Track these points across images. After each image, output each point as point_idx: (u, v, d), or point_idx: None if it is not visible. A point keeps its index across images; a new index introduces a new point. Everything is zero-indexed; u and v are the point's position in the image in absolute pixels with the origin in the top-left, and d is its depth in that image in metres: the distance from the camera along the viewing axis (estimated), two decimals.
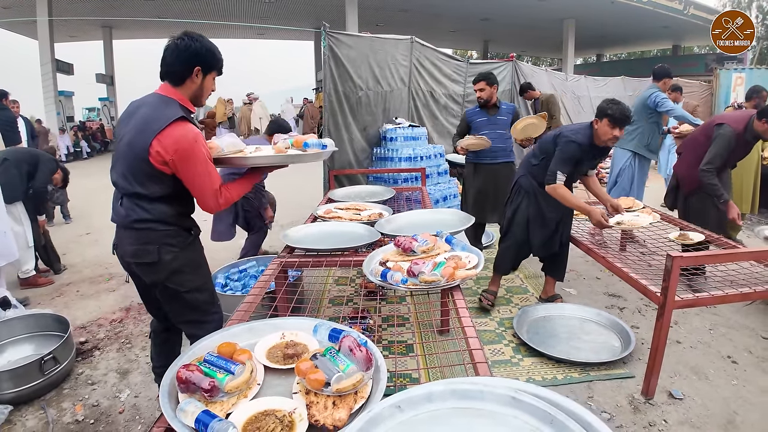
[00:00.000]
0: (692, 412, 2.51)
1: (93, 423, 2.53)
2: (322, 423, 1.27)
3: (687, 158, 3.98)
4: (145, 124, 1.94)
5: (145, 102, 2.04)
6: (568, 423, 1.12)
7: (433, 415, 1.23)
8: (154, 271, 2.12)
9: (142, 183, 1.99)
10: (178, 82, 2.04)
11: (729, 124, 3.67)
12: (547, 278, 3.74)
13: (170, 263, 2.12)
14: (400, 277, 2.15)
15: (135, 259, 2.10)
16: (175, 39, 2.00)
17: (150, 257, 2.08)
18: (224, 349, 1.54)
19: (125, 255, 2.13)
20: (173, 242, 2.14)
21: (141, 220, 2.05)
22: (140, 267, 2.12)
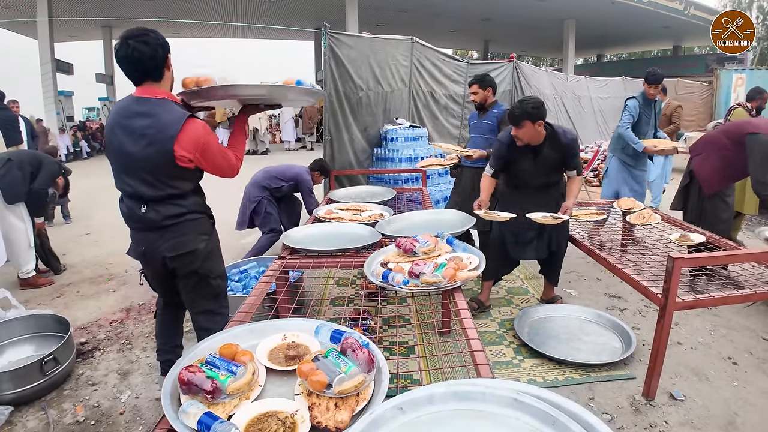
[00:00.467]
0: (693, 413, 2.51)
1: (94, 424, 2.52)
2: (324, 425, 1.27)
3: (711, 162, 3.87)
4: (158, 133, 2.02)
5: (138, 111, 2.07)
6: (569, 424, 1.12)
7: (435, 417, 1.23)
8: (191, 261, 2.27)
9: (172, 185, 2.13)
10: (159, 77, 2.11)
11: (763, 132, 3.58)
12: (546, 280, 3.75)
13: (204, 250, 2.30)
14: (401, 279, 2.15)
15: (174, 252, 2.22)
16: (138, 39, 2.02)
17: (189, 247, 2.24)
18: (226, 351, 1.54)
19: (162, 252, 2.22)
20: (204, 230, 2.32)
21: (175, 215, 2.18)
22: (178, 259, 2.25)
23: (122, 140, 2.08)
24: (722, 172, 3.78)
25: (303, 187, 4.75)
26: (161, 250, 2.21)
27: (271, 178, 4.80)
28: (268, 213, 4.72)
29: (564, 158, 3.25)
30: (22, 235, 4.24)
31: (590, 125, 10.80)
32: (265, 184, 4.78)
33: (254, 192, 4.77)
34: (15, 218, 4.18)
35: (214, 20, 18.33)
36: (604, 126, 11.24)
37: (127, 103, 2.11)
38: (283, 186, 4.77)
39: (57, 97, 14.39)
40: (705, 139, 4.06)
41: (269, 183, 4.78)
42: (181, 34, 22.77)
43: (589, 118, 10.83)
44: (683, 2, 18.01)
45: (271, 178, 4.80)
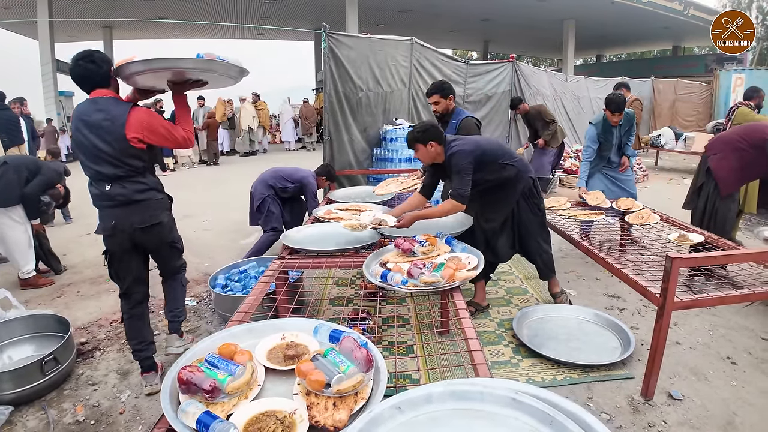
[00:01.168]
0: (692, 413, 2.51)
1: (94, 424, 2.53)
2: (322, 424, 1.27)
3: (729, 161, 3.88)
4: (111, 124, 2.49)
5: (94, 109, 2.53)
6: (567, 424, 1.13)
7: (433, 417, 1.24)
8: (159, 232, 2.76)
9: (128, 163, 2.56)
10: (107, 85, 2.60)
11: None
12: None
13: (168, 223, 2.83)
14: (400, 278, 2.17)
15: (144, 224, 2.66)
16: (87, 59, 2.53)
17: (156, 219, 2.71)
18: (225, 350, 1.54)
19: (133, 224, 2.64)
20: (166, 207, 2.84)
21: (141, 190, 2.64)
22: (148, 230, 2.70)
23: (85, 133, 2.52)
24: (740, 173, 3.82)
25: (307, 190, 4.76)
26: (132, 222, 2.63)
27: (279, 178, 4.82)
28: (271, 212, 4.73)
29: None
30: (20, 236, 4.24)
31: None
32: (271, 182, 4.80)
33: (260, 189, 4.78)
34: (11, 220, 4.18)
35: (213, 21, 18.33)
36: None
37: (85, 104, 2.57)
38: (289, 187, 4.79)
39: (57, 98, 14.38)
40: (721, 140, 4.04)
41: (275, 182, 4.80)
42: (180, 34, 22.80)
43: (589, 118, 10.74)
44: (683, 2, 18.01)
45: (278, 177, 4.82)
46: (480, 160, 3.04)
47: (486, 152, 3.10)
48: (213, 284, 3.71)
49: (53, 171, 4.46)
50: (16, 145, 6.49)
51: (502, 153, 3.21)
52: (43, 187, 4.32)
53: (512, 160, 3.21)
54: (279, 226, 4.74)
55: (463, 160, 2.97)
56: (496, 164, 3.14)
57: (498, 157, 3.15)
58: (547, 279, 3.67)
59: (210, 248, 5.41)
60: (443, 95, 3.95)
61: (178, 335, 3.16)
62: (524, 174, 3.27)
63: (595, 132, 4.68)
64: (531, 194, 3.33)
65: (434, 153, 3.07)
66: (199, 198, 8.29)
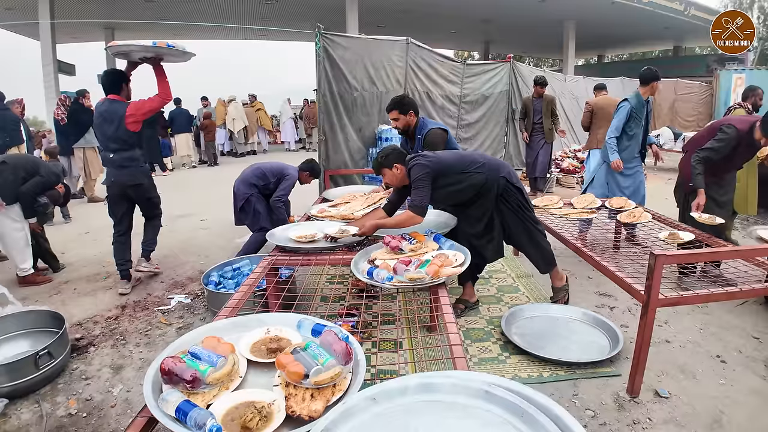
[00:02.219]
0: (678, 410, 2.52)
1: (85, 416, 2.56)
2: (298, 413, 1.30)
3: (689, 158, 4.01)
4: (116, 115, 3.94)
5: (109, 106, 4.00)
6: (537, 416, 1.15)
7: (408, 408, 1.26)
8: (143, 191, 4.22)
9: (125, 140, 4.01)
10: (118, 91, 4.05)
11: (735, 125, 3.76)
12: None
13: (147, 185, 4.25)
14: (385, 275, 2.19)
15: (131, 182, 4.11)
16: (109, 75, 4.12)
17: (139, 180, 4.16)
18: (208, 343, 1.58)
19: (125, 181, 4.09)
20: (148, 174, 4.36)
21: (130, 158, 4.08)
22: (134, 188, 4.16)
23: (101, 120, 3.99)
24: None
25: (283, 180, 4.63)
26: (124, 179, 4.07)
27: (260, 175, 4.72)
28: (257, 211, 4.65)
29: None
30: (17, 234, 4.28)
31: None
32: (253, 180, 4.69)
33: (242, 189, 4.68)
34: (9, 219, 4.22)
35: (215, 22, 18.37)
36: None
37: (104, 102, 4.03)
38: (271, 183, 4.68)
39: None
40: (693, 138, 4.18)
41: (257, 180, 4.69)
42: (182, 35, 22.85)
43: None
44: (683, 3, 17.99)
45: (259, 175, 4.72)
46: (440, 172, 3.08)
47: (445, 164, 3.12)
48: (206, 281, 3.75)
49: (51, 173, 4.49)
50: (16, 145, 6.54)
51: (462, 163, 3.19)
52: (39, 187, 4.34)
53: (476, 167, 3.19)
54: (267, 225, 4.56)
55: (419, 172, 3.01)
56: (458, 175, 3.15)
57: (458, 169, 3.16)
58: (548, 272, 3.65)
59: (206, 247, 5.45)
60: (402, 111, 3.84)
61: (146, 259, 4.54)
62: (494, 178, 3.23)
63: (629, 107, 4.67)
64: (508, 193, 3.29)
65: (401, 175, 3.12)
66: (198, 198, 8.34)
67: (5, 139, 6.38)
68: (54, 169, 4.64)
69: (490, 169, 3.23)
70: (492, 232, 3.34)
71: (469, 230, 3.31)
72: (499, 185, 3.25)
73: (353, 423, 1.21)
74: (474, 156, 3.34)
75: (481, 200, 3.26)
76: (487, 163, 3.26)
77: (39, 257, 4.73)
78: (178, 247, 5.51)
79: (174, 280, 4.47)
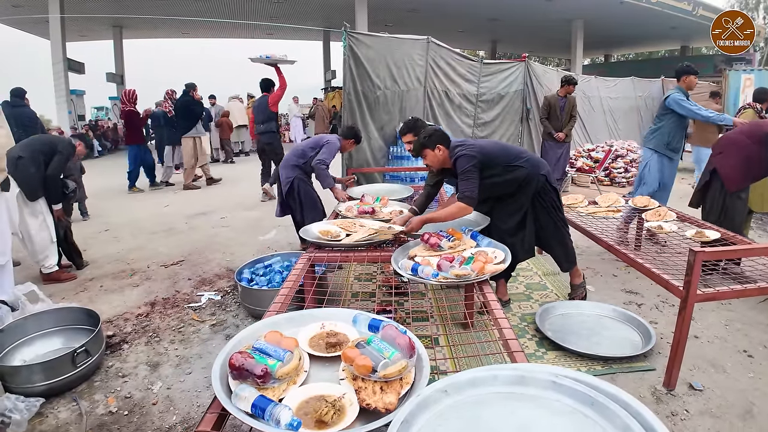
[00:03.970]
0: (712, 402, 2.56)
1: (127, 414, 2.57)
2: (374, 406, 1.32)
3: (731, 160, 3.98)
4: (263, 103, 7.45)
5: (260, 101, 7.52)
6: (608, 404, 1.18)
7: (478, 399, 1.29)
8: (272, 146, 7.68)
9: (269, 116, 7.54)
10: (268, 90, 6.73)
11: None
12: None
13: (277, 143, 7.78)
14: (431, 271, 2.21)
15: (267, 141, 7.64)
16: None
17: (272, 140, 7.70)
18: (271, 338, 1.60)
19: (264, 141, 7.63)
20: (278, 138, 7.98)
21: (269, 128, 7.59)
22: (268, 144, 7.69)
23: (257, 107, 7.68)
24: (744, 170, 3.89)
25: (325, 147, 4.31)
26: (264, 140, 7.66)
27: (300, 153, 4.42)
28: (306, 196, 4.36)
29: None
30: (43, 233, 4.30)
31: (600, 125, 10.80)
32: (293, 162, 4.40)
33: (285, 174, 4.42)
34: (33, 217, 4.22)
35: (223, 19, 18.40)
36: (614, 126, 11.23)
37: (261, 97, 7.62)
38: (312, 158, 4.34)
39: (69, 96, 14.48)
40: (726, 139, 4.16)
41: (297, 160, 4.39)
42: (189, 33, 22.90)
43: (599, 117, 10.82)
44: (691, 2, 17.95)
45: (299, 153, 4.42)
46: (485, 164, 3.09)
47: (490, 156, 3.13)
48: (239, 278, 3.78)
49: (67, 144, 4.49)
50: None
51: (507, 156, 3.22)
52: (63, 163, 4.35)
53: (520, 161, 3.22)
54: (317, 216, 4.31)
55: (467, 163, 3.02)
56: (501, 167, 3.17)
57: (503, 161, 3.18)
58: (569, 270, 3.69)
59: (229, 245, 5.47)
60: (416, 134, 3.78)
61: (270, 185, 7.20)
62: (535, 174, 3.26)
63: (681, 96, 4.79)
64: (545, 192, 3.33)
65: (442, 157, 3.13)
66: (215, 196, 8.41)
67: (21, 135, 6.44)
68: (68, 140, 4.64)
69: (532, 165, 3.26)
70: (524, 229, 3.36)
71: (502, 226, 3.33)
72: (539, 182, 3.28)
73: (428, 415, 1.24)
74: (518, 150, 3.37)
75: (519, 195, 3.28)
76: (531, 159, 3.29)
77: (64, 252, 4.75)
78: (201, 244, 5.52)
79: (201, 277, 4.48)
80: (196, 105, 9.02)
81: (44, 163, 4.21)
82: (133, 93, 8.99)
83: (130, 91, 8.99)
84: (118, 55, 19.22)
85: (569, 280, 3.81)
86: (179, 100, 8.94)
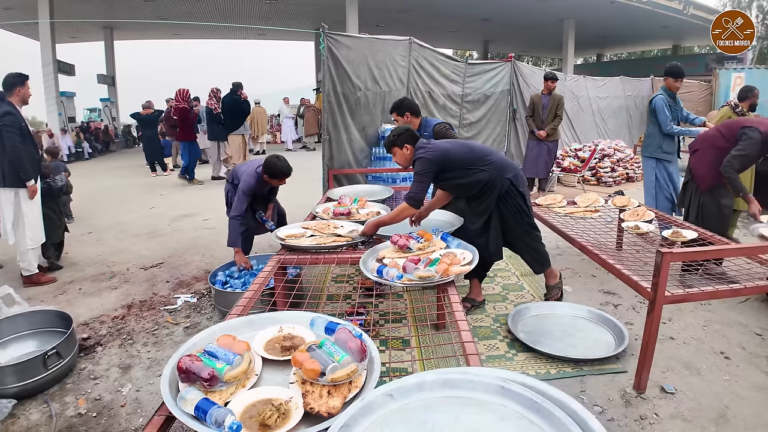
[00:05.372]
0: (684, 406, 2.54)
1: (95, 416, 2.57)
2: (317, 410, 1.32)
3: (705, 157, 4.00)
4: None
5: None
6: (554, 411, 1.17)
7: (425, 404, 1.28)
8: None
9: None
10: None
11: (758, 127, 3.69)
12: None
13: None
14: (395, 273, 2.21)
15: None
16: None
17: None
18: (223, 341, 1.59)
19: None
20: None
21: None
22: None
23: None
24: (716, 168, 3.85)
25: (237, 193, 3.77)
26: None
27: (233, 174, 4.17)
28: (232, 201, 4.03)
29: None
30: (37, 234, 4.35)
31: (588, 124, 10.80)
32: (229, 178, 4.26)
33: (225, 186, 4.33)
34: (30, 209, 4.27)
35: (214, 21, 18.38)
36: (603, 125, 11.25)
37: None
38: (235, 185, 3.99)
39: (59, 98, 14.42)
40: (702, 137, 4.17)
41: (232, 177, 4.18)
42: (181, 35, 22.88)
43: (588, 117, 10.83)
44: (682, 2, 18.03)
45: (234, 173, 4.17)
46: (444, 166, 3.13)
47: (450, 159, 3.14)
48: (213, 281, 3.76)
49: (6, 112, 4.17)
50: None
51: (472, 158, 3.20)
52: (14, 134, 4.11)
53: (484, 165, 3.20)
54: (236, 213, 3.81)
55: (421, 166, 3.10)
56: (463, 170, 3.18)
57: (465, 164, 3.18)
58: (542, 273, 3.67)
59: (210, 247, 5.45)
60: (399, 113, 4.10)
61: None
62: (498, 177, 3.23)
63: (664, 100, 4.84)
64: (509, 196, 3.28)
65: (409, 156, 3.21)
66: (200, 198, 8.38)
67: None
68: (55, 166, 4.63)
69: (497, 169, 3.22)
70: (488, 230, 3.33)
71: (470, 226, 3.35)
72: (503, 186, 3.25)
73: (372, 419, 1.23)
74: (486, 152, 3.31)
75: (483, 197, 3.27)
76: (496, 162, 3.25)
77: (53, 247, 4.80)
78: (182, 246, 5.52)
79: (179, 279, 4.47)
80: (244, 103, 9.50)
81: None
82: (186, 92, 9.71)
83: (184, 91, 9.68)
84: (109, 57, 19.17)
85: (546, 282, 3.79)
86: (226, 98, 9.29)
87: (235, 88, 9.22)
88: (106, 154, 16.51)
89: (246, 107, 9.68)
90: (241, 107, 9.42)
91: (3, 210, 4.24)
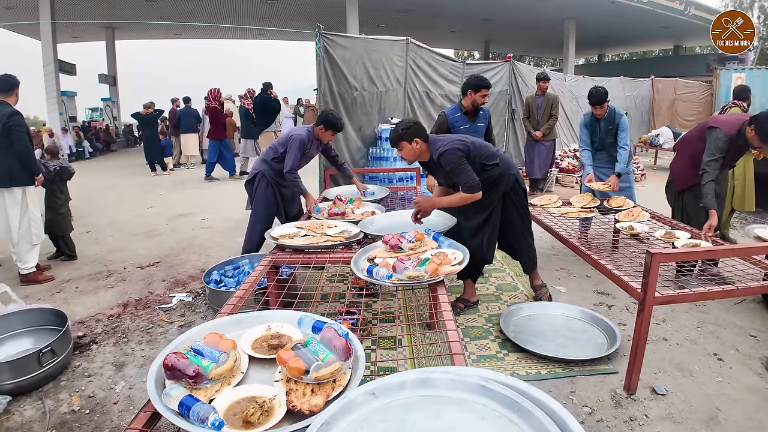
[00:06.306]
0: (674, 407, 2.54)
1: (88, 413, 2.59)
2: (299, 408, 1.33)
3: (681, 158, 4.06)
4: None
5: None
6: (533, 410, 1.18)
7: (406, 403, 1.29)
8: None
9: None
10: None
11: (721, 128, 3.67)
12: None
13: None
14: (385, 273, 2.22)
15: None
16: None
17: None
18: (210, 339, 1.60)
19: None
20: None
21: None
22: None
23: None
24: (691, 169, 3.85)
25: (288, 150, 3.95)
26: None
27: (272, 148, 4.13)
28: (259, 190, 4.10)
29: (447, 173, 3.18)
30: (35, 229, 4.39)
31: None
32: (264, 156, 4.16)
33: (255, 166, 4.20)
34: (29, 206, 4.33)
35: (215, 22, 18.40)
36: None
37: None
38: (281, 154, 4.03)
39: (60, 98, 14.45)
40: (683, 138, 4.20)
41: (267, 154, 4.13)
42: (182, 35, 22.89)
43: None
44: (683, 2, 18.00)
45: (271, 148, 4.14)
46: (469, 157, 3.10)
47: (473, 150, 3.14)
48: (207, 280, 3.77)
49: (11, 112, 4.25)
50: None
51: (488, 154, 3.23)
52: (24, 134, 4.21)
53: (496, 161, 3.24)
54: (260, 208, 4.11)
55: (455, 157, 3.02)
56: (480, 164, 3.17)
57: (483, 157, 3.19)
58: (532, 272, 3.71)
59: (207, 246, 5.48)
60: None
61: None
62: (507, 173, 3.28)
63: (584, 120, 4.85)
64: (515, 191, 3.36)
65: (419, 150, 3.14)
66: (199, 197, 8.39)
67: None
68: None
69: (505, 165, 3.29)
70: (485, 228, 3.34)
71: (466, 224, 3.34)
72: (509, 182, 3.30)
73: (353, 417, 1.24)
74: (494, 149, 3.37)
75: (491, 192, 3.28)
76: (503, 158, 3.33)
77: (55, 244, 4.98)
78: (179, 245, 5.54)
79: (175, 278, 4.49)
80: (274, 102, 10.08)
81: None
82: (217, 92, 10.03)
83: (215, 90, 9.97)
84: (111, 57, 19.20)
85: (531, 283, 3.82)
86: (258, 97, 9.81)
87: (266, 88, 9.66)
88: (106, 154, 16.55)
89: (277, 105, 10.22)
90: (272, 105, 9.97)
91: (9, 210, 4.27)
